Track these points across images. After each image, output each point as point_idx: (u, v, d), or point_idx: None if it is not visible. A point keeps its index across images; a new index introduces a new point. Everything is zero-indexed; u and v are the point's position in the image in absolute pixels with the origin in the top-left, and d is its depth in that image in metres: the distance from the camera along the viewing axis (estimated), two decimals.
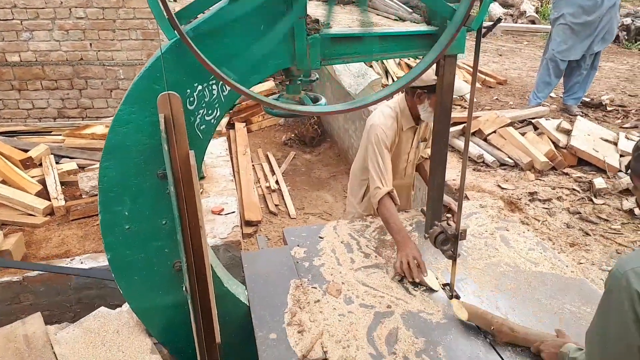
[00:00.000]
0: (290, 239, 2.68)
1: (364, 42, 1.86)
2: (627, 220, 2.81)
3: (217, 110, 1.85)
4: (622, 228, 2.75)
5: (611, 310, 1.36)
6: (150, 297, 2.03)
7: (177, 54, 1.68)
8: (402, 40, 1.91)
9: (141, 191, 1.85)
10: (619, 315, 1.32)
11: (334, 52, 1.81)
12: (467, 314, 2.01)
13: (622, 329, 1.32)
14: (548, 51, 5.28)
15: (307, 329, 2.01)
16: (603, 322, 1.41)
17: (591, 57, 5.12)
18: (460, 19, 1.75)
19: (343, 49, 1.83)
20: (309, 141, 7.43)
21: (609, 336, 1.38)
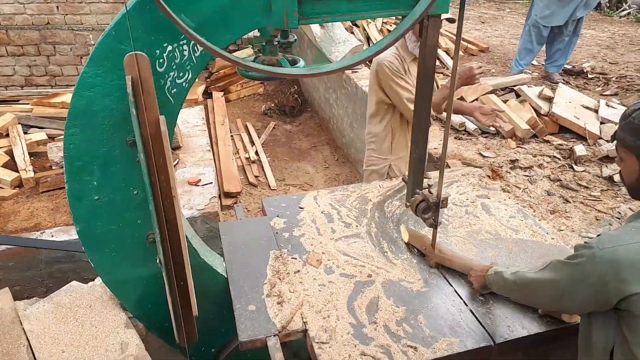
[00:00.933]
0: (270, 209, 2.62)
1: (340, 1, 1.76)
2: (606, 187, 2.82)
3: (188, 73, 1.75)
4: (602, 195, 2.75)
5: (582, 278, 1.39)
6: (124, 270, 1.95)
7: (144, 11, 1.57)
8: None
9: (110, 159, 1.75)
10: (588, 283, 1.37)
11: (313, 10, 1.70)
12: (408, 236, 2.27)
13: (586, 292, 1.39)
14: (530, 17, 5.20)
15: (286, 300, 1.97)
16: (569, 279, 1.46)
17: (574, 24, 5.06)
18: None
19: (323, 7, 1.72)
20: (289, 111, 7.31)
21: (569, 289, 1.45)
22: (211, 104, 6.85)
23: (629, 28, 8.03)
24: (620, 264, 1.30)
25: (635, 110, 1.38)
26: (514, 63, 5.37)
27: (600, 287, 1.33)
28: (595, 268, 1.34)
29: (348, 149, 5.73)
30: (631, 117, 1.38)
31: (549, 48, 5.23)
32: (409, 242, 2.30)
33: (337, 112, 6.06)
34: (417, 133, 2.18)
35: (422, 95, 2.09)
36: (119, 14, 1.61)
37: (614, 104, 3.99)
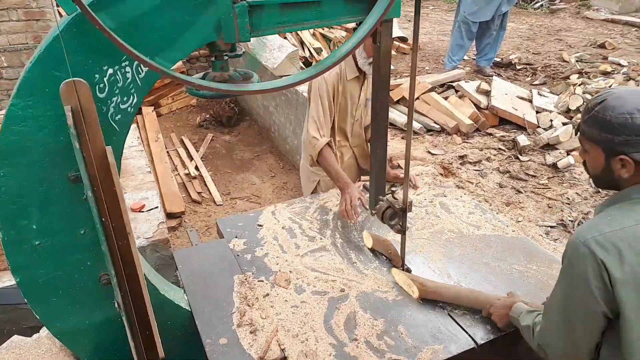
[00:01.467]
0: (227, 230, 2.49)
1: (294, 9, 1.68)
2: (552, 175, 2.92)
3: (133, 96, 1.60)
4: (549, 182, 2.85)
5: (574, 279, 1.35)
6: (76, 318, 1.76)
7: (78, 32, 1.41)
8: (338, 5, 1.75)
9: (50, 199, 1.56)
10: (582, 283, 1.32)
11: (264, 22, 1.61)
12: (372, 241, 2.24)
13: (585, 296, 1.33)
14: (459, 14, 5.37)
15: (260, 328, 1.86)
16: (565, 291, 1.40)
17: (500, 18, 5.28)
18: None
19: (274, 18, 1.63)
20: (226, 121, 7.09)
21: (571, 303, 1.38)
22: (142, 120, 6.51)
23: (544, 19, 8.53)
24: (606, 250, 1.29)
25: (598, 104, 1.40)
26: (447, 59, 5.52)
27: (598, 277, 1.29)
28: (585, 261, 1.31)
29: (293, 156, 5.65)
30: (594, 110, 1.39)
31: (478, 43, 5.42)
32: (373, 247, 2.27)
33: (278, 119, 5.95)
34: (376, 139, 2.14)
35: (378, 100, 2.05)
36: (49, 37, 1.44)
37: (545, 93, 4.18)
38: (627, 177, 1.37)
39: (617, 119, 1.32)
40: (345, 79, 2.60)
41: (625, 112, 1.32)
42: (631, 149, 1.32)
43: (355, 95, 2.67)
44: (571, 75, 4.87)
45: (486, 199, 2.74)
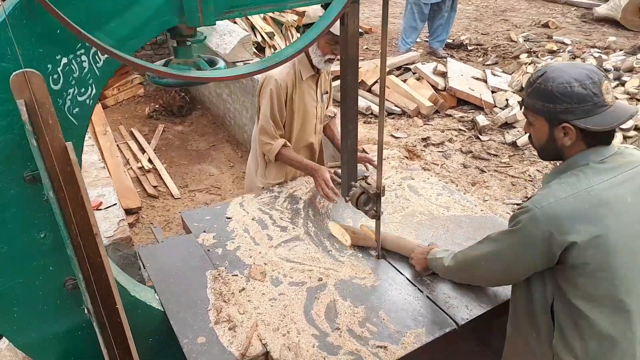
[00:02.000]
0: (193, 224, 2.39)
1: None
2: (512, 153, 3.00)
3: (91, 88, 1.48)
4: (510, 160, 2.93)
5: (521, 238, 1.44)
6: (40, 328, 1.64)
7: (26, 18, 1.27)
8: None
9: (5, 202, 1.43)
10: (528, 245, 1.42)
11: (227, 4, 1.53)
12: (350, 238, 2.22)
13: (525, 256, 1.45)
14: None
15: (238, 324, 1.80)
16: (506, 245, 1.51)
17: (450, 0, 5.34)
18: None
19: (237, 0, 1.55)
20: (177, 111, 6.86)
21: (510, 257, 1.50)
22: None
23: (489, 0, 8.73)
24: (559, 217, 1.36)
25: (540, 77, 1.45)
26: (400, 42, 5.55)
27: (546, 244, 1.38)
28: (537, 227, 1.38)
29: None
30: (537, 82, 1.45)
31: (430, 24, 5.47)
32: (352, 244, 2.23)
33: (233, 107, 5.81)
34: (345, 123, 2.10)
35: (347, 84, 2.01)
36: None
37: (498, 73, 4.27)
38: (569, 145, 1.44)
39: (558, 88, 1.40)
40: (300, 79, 2.53)
41: (565, 82, 1.39)
42: (571, 116, 1.39)
43: (312, 93, 2.61)
44: (521, 55, 5.01)
45: (452, 179, 2.78)
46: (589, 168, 1.42)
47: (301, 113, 2.62)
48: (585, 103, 1.37)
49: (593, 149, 1.44)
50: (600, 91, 1.37)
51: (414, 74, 4.20)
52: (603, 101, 1.38)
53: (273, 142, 2.54)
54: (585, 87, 1.37)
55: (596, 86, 1.37)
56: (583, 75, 1.38)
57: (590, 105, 1.37)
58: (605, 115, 1.37)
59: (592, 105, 1.37)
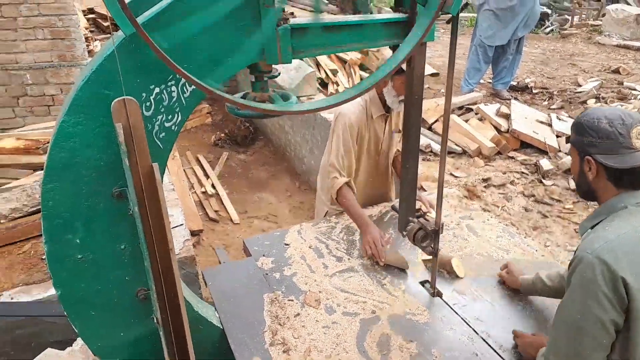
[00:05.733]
0: (254, 248, 2.49)
1: (335, 32, 1.72)
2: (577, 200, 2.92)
3: (178, 115, 1.63)
4: (574, 207, 2.85)
5: (584, 291, 1.37)
6: (112, 334, 1.76)
7: (128, 52, 1.44)
8: (378, 28, 1.79)
9: (94, 214, 1.58)
10: (592, 293, 1.35)
11: (305, 44, 1.65)
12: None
13: (594, 305, 1.35)
14: (475, 38, 5.43)
15: (292, 347, 1.85)
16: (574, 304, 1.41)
17: (516, 42, 5.34)
18: (436, 5, 1.66)
19: (314, 40, 1.67)
20: (241, 140, 7.16)
21: (580, 316, 1.39)
22: None
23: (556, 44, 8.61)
24: (614, 250, 1.34)
25: (582, 113, 1.53)
26: (463, 82, 5.57)
27: (610, 285, 1.32)
28: (595, 270, 1.33)
29: (309, 175, 5.67)
30: (577, 117, 1.53)
31: (494, 66, 5.47)
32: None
33: (294, 139, 6.00)
34: (406, 160, 2.15)
35: (410, 122, 2.08)
36: (99, 57, 1.47)
37: (563, 117, 4.20)
38: (596, 182, 1.46)
39: (587, 122, 1.47)
40: (370, 117, 2.62)
41: (595, 117, 1.45)
42: (594, 150, 1.44)
43: (380, 131, 2.70)
44: (588, 100, 4.90)
45: (513, 222, 2.74)
46: (628, 211, 1.41)
47: (370, 150, 2.71)
48: (608, 139, 1.41)
49: (629, 192, 1.44)
50: (629, 133, 1.41)
51: (476, 114, 4.21)
52: (630, 144, 1.40)
53: (339, 177, 2.59)
54: (612, 125, 1.42)
55: (625, 127, 1.41)
56: (615, 115, 1.44)
57: (613, 143, 1.41)
58: (628, 156, 1.40)
59: (615, 143, 1.41)
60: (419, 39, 1.70)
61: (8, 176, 3.60)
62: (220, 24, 1.51)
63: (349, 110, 2.55)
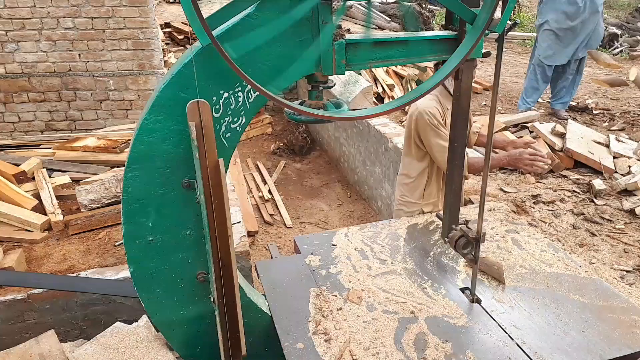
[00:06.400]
0: (303, 247, 2.66)
1: (386, 47, 1.87)
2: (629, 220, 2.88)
3: (242, 118, 1.83)
4: (626, 228, 2.82)
5: None
6: (173, 310, 1.98)
7: (203, 60, 1.66)
8: (424, 45, 1.93)
9: (166, 201, 1.81)
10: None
11: (357, 58, 1.82)
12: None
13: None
14: (534, 57, 5.40)
15: (333, 338, 1.98)
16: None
17: (576, 62, 5.26)
18: (483, 23, 1.78)
19: (366, 54, 1.84)
20: (299, 150, 7.43)
21: None
22: None
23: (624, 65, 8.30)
24: None
25: None
26: (521, 101, 5.54)
27: None
28: None
29: (361, 186, 5.81)
30: None
31: (554, 86, 5.41)
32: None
33: (348, 150, 6.17)
34: (452, 169, 2.26)
35: (457, 133, 2.19)
36: (179, 64, 1.70)
37: (623, 139, 4.11)
38: None
39: None
40: (446, 109, 2.78)
41: None
42: None
43: None
44: None
45: (559, 238, 2.75)
46: None
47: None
48: None
49: None
50: None
51: (531, 132, 4.20)
52: None
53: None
54: None
55: None
56: None
57: None
58: None
59: None
60: (465, 55, 1.81)
61: (89, 171, 3.99)
62: (282, 38, 1.71)
63: (426, 104, 2.72)
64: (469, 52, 1.82)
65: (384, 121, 5.12)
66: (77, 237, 3.17)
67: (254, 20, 1.65)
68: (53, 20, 4.43)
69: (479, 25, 1.79)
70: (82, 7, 4.39)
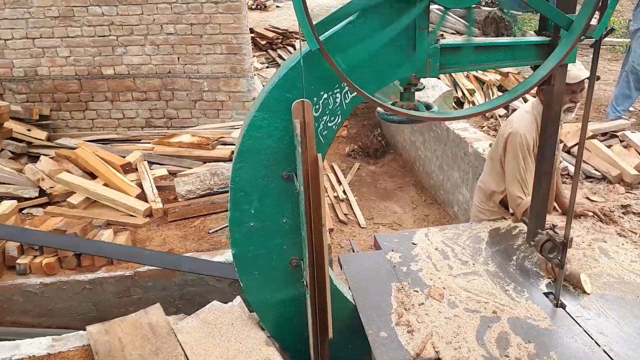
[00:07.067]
0: (384, 243, 2.75)
1: (477, 52, 1.94)
2: None
3: (338, 117, 1.97)
4: None
5: None
6: (267, 292, 2.15)
7: (307, 64, 1.81)
8: (516, 50, 1.98)
9: (267, 191, 1.98)
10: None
11: (450, 62, 1.90)
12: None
13: None
14: (627, 63, 5.14)
15: (416, 330, 2.07)
16: None
17: None
18: (580, 29, 1.80)
19: (458, 59, 1.91)
20: (373, 153, 7.52)
21: None
22: None
23: None
24: None
25: None
26: (610, 109, 5.29)
27: None
28: None
29: (436, 190, 5.80)
30: None
31: None
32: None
33: (425, 154, 6.17)
34: (540, 174, 2.27)
35: (546, 137, 2.20)
36: (285, 68, 1.88)
37: None
38: None
39: None
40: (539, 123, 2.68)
41: None
42: None
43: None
44: None
45: None
46: None
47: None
48: None
49: None
50: None
51: (621, 141, 4.02)
52: None
53: (524, 197, 2.63)
54: None
55: None
56: None
57: None
58: None
59: None
60: (560, 60, 1.85)
61: (183, 165, 4.34)
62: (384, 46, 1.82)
63: (521, 127, 2.58)
64: (564, 57, 1.85)
65: (463, 126, 5.09)
66: (175, 223, 3.47)
67: (356, 28, 1.78)
68: (157, 27, 4.86)
69: (575, 31, 1.82)
70: (183, 15, 4.79)
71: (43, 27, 4.86)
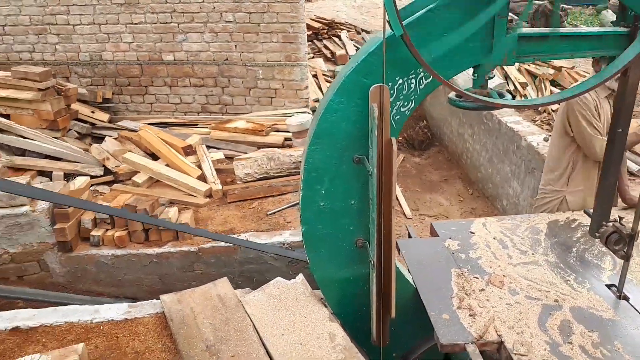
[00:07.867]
0: (441, 231, 2.80)
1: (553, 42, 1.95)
2: None
3: (412, 102, 2.03)
4: None
5: None
6: (333, 270, 2.24)
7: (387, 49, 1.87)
8: (592, 40, 1.98)
9: (338, 173, 2.07)
10: None
11: (526, 50, 1.93)
12: None
13: None
14: None
15: (478, 314, 2.11)
16: None
17: None
18: None
19: (534, 47, 1.94)
20: (418, 145, 7.51)
21: None
22: None
23: None
24: None
25: None
26: None
27: None
28: None
29: (484, 183, 5.76)
30: None
31: None
32: None
33: (473, 147, 6.13)
34: (608, 164, 2.26)
35: (617, 127, 2.19)
36: (363, 53, 1.94)
37: None
38: None
39: None
40: (599, 98, 2.79)
41: None
42: None
43: (609, 111, 2.82)
44: None
45: None
46: None
47: (604, 130, 2.84)
48: None
49: None
50: None
51: None
52: None
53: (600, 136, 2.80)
54: None
55: None
56: None
57: None
58: None
59: None
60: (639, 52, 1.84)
61: (239, 150, 4.48)
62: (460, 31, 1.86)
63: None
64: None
65: (516, 119, 5.04)
66: (234, 205, 3.61)
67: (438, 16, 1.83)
68: (217, 15, 5.00)
69: None
70: (242, 3, 4.91)
71: (109, 14, 5.08)
